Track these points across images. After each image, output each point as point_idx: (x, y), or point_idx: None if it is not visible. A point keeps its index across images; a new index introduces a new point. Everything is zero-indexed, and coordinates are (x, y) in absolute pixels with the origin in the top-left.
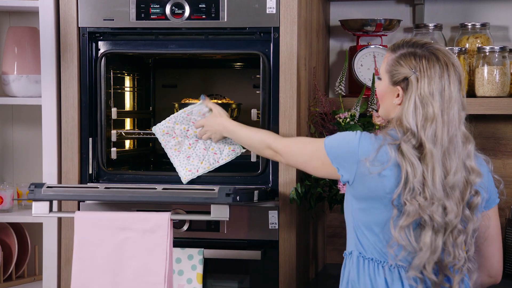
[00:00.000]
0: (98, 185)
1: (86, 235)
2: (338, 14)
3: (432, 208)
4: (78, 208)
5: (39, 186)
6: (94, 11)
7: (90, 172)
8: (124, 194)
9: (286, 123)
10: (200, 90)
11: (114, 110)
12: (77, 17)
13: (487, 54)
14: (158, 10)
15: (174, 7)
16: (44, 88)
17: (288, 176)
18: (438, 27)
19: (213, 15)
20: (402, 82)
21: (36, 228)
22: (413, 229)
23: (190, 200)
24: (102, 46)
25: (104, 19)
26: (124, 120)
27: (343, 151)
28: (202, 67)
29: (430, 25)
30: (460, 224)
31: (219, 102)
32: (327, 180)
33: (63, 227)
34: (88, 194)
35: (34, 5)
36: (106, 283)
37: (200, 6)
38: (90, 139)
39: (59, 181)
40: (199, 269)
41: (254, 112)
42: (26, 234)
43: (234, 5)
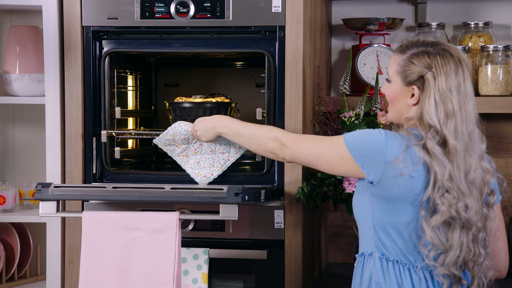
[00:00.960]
0: (106, 184)
1: (94, 235)
2: (339, 13)
3: (458, 204)
4: (82, 208)
5: (46, 186)
6: (98, 10)
7: (94, 171)
8: (132, 193)
9: (292, 122)
10: (202, 89)
11: (118, 110)
12: (81, 15)
13: (491, 53)
14: (163, 9)
15: (179, 6)
16: (47, 87)
17: (293, 175)
18: (441, 26)
19: (218, 14)
20: (417, 81)
21: (38, 228)
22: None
23: (199, 199)
24: (106, 45)
25: (108, 18)
26: (127, 119)
27: (369, 150)
28: (204, 66)
29: (433, 24)
30: (479, 222)
31: (213, 100)
32: (333, 179)
33: (67, 227)
34: (96, 193)
35: (36, 3)
36: (114, 283)
37: (205, 4)
38: (94, 139)
39: (63, 180)
40: (205, 268)
41: (259, 111)
42: (29, 234)
43: (239, 3)
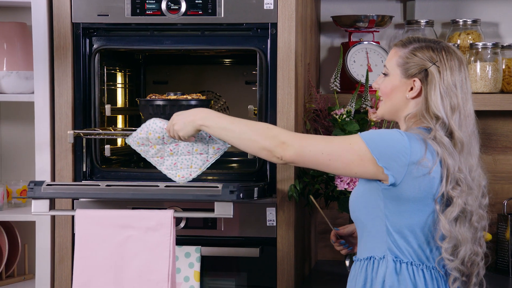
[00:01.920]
0: (99, 182)
1: (87, 234)
2: (328, 10)
3: (468, 198)
4: (72, 206)
5: (39, 184)
6: (88, 7)
7: (84, 169)
8: (126, 191)
9: (284, 120)
10: (191, 86)
11: (108, 107)
12: (70, 12)
13: (480, 50)
14: (154, 6)
15: (170, 3)
16: (37, 84)
17: (286, 173)
18: (429, 23)
19: (209, 11)
20: (419, 74)
21: (26, 226)
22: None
23: (193, 197)
24: (96, 42)
25: (98, 15)
26: (116, 117)
27: (394, 151)
28: (193, 64)
29: (422, 21)
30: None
31: (189, 97)
32: (325, 176)
33: (57, 225)
34: (90, 192)
35: (24, 0)
36: (109, 282)
37: (196, 1)
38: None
39: (52, 178)
40: (197, 267)
41: (251, 108)
42: (17, 233)
43: (231, 0)
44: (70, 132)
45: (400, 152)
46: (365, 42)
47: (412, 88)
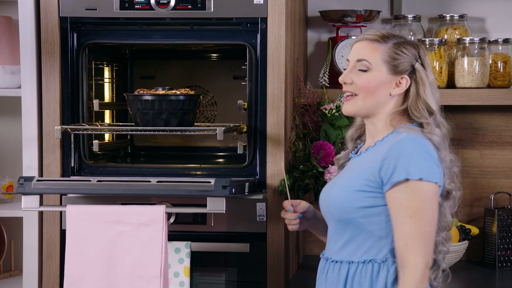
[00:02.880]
0: (90, 178)
1: (79, 229)
2: (316, 4)
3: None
4: (60, 202)
5: (29, 179)
6: (76, 1)
7: (73, 165)
8: (118, 187)
9: (274, 115)
10: (178, 81)
11: (96, 102)
12: (58, 6)
13: (467, 45)
14: (143, 0)
15: None
16: (24, 79)
17: (276, 168)
18: (417, 18)
19: (199, 5)
20: (407, 70)
21: (11, 222)
22: None
23: (186, 193)
24: (84, 37)
25: (86, 9)
26: (103, 112)
27: (436, 161)
28: (181, 58)
29: (409, 16)
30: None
31: (178, 92)
32: (315, 171)
33: (45, 221)
34: (81, 187)
35: None
36: (101, 278)
37: None
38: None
39: (40, 174)
40: (187, 262)
41: (240, 103)
42: (3, 230)
43: None
44: (57, 127)
45: (437, 159)
46: (353, 37)
47: (397, 84)
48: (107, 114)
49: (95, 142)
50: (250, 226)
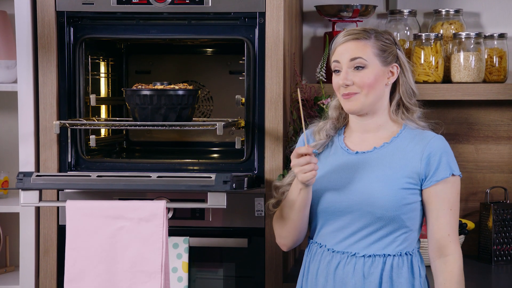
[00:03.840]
0: (90, 173)
1: (79, 225)
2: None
3: None
4: (57, 197)
5: (28, 175)
6: None
7: (69, 160)
8: (118, 182)
9: (272, 110)
10: (174, 76)
11: (93, 97)
12: (55, 0)
13: (463, 40)
14: None
15: None
16: (20, 74)
17: (274, 163)
18: (412, 13)
19: (197, 0)
20: (393, 59)
21: (7, 218)
22: None
23: (186, 188)
24: (81, 31)
25: (83, 3)
26: (100, 107)
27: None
28: (176, 53)
29: (405, 11)
30: None
31: (176, 87)
32: None
33: (42, 217)
34: (81, 183)
35: None
36: (101, 273)
37: None
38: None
39: (37, 169)
40: (185, 257)
41: (238, 98)
42: None
43: None
44: (56, 122)
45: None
46: None
47: (391, 72)
48: (103, 109)
49: (92, 137)
50: (248, 221)
